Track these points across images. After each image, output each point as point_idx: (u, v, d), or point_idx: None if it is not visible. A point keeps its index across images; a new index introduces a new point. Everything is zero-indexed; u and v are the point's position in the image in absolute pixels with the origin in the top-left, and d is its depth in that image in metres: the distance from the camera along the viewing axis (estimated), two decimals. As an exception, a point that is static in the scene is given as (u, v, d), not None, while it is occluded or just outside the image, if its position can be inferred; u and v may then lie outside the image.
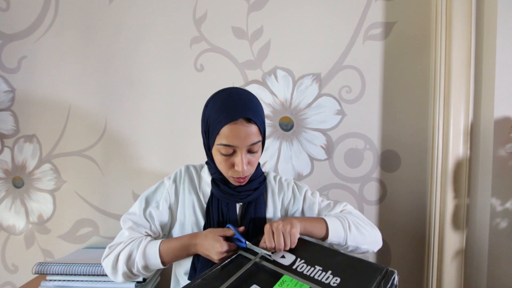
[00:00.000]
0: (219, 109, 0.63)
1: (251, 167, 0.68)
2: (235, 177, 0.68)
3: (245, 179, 0.69)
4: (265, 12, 1.15)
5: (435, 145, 1.05)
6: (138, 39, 1.20)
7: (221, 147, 0.64)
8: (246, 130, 0.62)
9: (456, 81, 0.99)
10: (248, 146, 0.64)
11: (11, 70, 1.25)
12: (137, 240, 0.69)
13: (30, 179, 1.27)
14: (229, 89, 0.68)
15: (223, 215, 0.71)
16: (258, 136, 0.65)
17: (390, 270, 0.53)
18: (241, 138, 0.62)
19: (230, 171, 0.67)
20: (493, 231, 0.93)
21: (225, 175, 0.69)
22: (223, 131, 0.62)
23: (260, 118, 0.66)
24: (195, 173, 0.78)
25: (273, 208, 0.76)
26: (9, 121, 1.26)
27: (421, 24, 1.11)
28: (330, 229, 0.67)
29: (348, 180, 1.16)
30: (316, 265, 0.56)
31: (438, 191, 1.04)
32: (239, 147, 0.64)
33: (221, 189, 0.72)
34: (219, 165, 0.68)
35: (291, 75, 1.16)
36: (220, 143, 0.63)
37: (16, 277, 1.30)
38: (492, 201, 0.93)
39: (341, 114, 1.15)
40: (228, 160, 0.66)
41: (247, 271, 0.56)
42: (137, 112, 1.22)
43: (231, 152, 0.65)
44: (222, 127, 0.62)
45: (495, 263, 0.94)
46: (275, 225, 0.62)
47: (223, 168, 0.67)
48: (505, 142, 0.91)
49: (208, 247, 0.63)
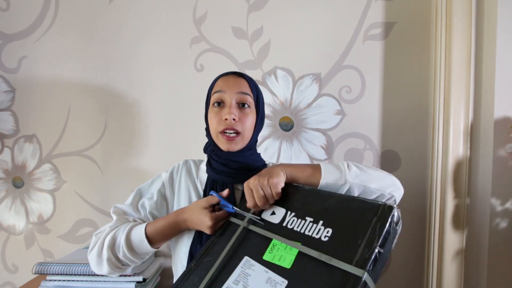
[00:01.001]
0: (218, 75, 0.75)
1: (241, 124, 0.69)
2: (223, 130, 0.68)
3: (234, 138, 0.69)
4: (265, 12, 1.15)
5: (435, 145, 1.05)
6: (138, 39, 1.20)
7: (214, 97, 0.70)
8: (235, 79, 0.71)
9: (456, 81, 0.99)
10: (236, 92, 0.69)
11: (11, 70, 1.25)
12: (123, 225, 0.68)
13: (30, 179, 1.27)
14: None
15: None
16: (248, 90, 0.71)
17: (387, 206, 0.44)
18: (230, 84, 0.70)
19: (219, 124, 0.69)
20: (493, 231, 0.93)
21: (215, 134, 0.70)
22: (216, 83, 0.72)
23: (252, 82, 0.73)
24: (193, 165, 0.79)
25: None
26: (9, 121, 1.26)
27: (421, 24, 1.11)
28: (323, 168, 0.60)
29: (348, 180, 1.16)
30: (306, 217, 0.51)
31: (438, 191, 1.04)
32: (228, 94, 0.69)
33: (213, 167, 0.71)
34: (211, 123, 0.71)
35: (291, 75, 1.16)
36: (213, 93, 0.71)
37: (16, 277, 1.30)
38: (492, 201, 0.93)
39: (341, 114, 1.15)
40: (219, 113, 0.69)
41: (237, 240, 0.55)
42: (137, 112, 1.22)
43: (221, 100, 0.70)
44: (216, 80, 0.73)
45: (495, 263, 0.94)
46: (251, 181, 0.58)
47: (215, 123, 0.70)
48: (505, 142, 0.91)
49: (198, 222, 0.63)
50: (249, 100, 0.71)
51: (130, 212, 0.72)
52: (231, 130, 0.68)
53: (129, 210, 0.72)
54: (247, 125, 0.70)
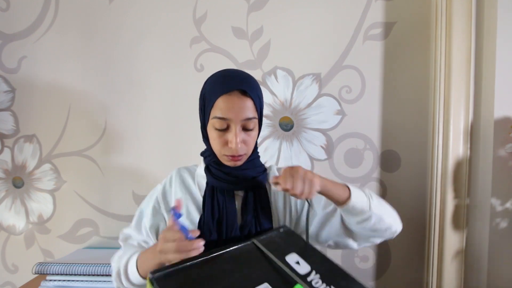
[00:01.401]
0: (214, 83, 0.63)
1: (246, 146, 0.64)
2: (228, 155, 0.64)
3: (239, 159, 0.65)
4: (265, 12, 1.15)
5: (435, 145, 1.05)
6: (138, 39, 1.20)
7: (215, 121, 0.62)
8: (241, 103, 0.61)
9: (456, 81, 0.99)
10: (242, 120, 0.61)
11: (11, 70, 1.25)
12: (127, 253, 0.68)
13: (30, 179, 1.27)
14: (227, 68, 0.68)
15: (219, 206, 0.66)
16: (253, 112, 0.63)
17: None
18: (235, 111, 0.60)
19: (224, 149, 0.63)
20: (493, 231, 0.93)
21: (219, 154, 0.65)
22: (217, 103, 0.61)
23: (256, 93, 0.64)
24: (187, 172, 0.74)
25: (277, 200, 0.72)
26: (9, 121, 1.26)
27: (421, 24, 1.11)
28: (353, 191, 0.61)
29: (348, 180, 1.16)
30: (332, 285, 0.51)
31: (438, 191, 1.04)
32: (233, 121, 0.61)
33: (214, 175, 0.67)
34: (213, 143, 0.65)
35: (291, 75, 1.16)
36: (214, 116, 0.61)
37: (16, 277, 1.30)
38: (492, 201, 0.93)
39: (341, 114, 1.15)
40: (222, 136, 0.63)
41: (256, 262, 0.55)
42: (137, 112, 1.22)
43: (225, 126, 0.62)
44: (216, 98, 0.61)
45: (495, 263, 0.94)
46: (296, 168, 0.57)
47: (217, 145, 0.64)
48: (505, 142, 0.91)
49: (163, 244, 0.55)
50: (255, 121, 0.64)
51: (133, 235, 0.72)
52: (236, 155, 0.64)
53: (133, 233, 0.72)
54: (251, 145, 0.66)
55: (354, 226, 0.64)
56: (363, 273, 1.17)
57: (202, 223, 0.65)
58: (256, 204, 0.67)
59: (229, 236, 0.64)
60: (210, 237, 0.63)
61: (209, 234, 0.63)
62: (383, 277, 1.16)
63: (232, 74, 0.64)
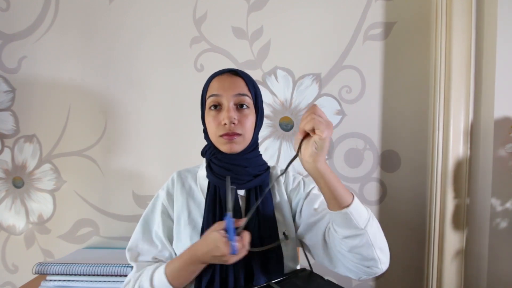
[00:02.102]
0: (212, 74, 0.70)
1: (241, 126, 0.65)
2: (223, 134, 0.64)
3: (233, 138, 0.64)
4: (265, 12, 1.15)
5: (435, 145, 1.05)
6: (138, 39, 1.20)
7: (209, 100, 0.66)
8: (231, 80, 0.67)
9: (456, 81, 0.99)
10: (233, 95, 0.65)
11: (11, 70, 1.25)
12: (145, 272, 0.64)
13: (30, 179, 1.27)
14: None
15: (220, 206, 0.65)
16: (245, 90, 0.67)
17: None
18: (226, 87, 0.66)
19: (218, 128, 0.65)
20: (493, 231, 0.93)
21: (215, 138, 0.67)
22: (211, 84, 0.68)
23: (249, 78, 0.69)
24: (188, 175, 0.74)
25: (280, 199, 0.71)
26: (9, 121, 1.26)
27: (421, 24, 1.11)
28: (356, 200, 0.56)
29: (348, 180, 1.16)
30: None
31: (438, 191, 1.04)
32: (224, 97, 0.65)
33: (214, 171, 0.67)
34: (209, 128, 0.67)
35: (291, 75, 1.16)
36: (208, 96, 0.67)
37: (16, 277, 1.30)
38: (492, 201, 0.93)
39: (341, 114, 1.15)
40: (217, 117, 0.66)
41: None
42: (137, 112, 1.22)
43: (218, 103, 0.66)
44: (210, 81, 0.68)
45: (495, 263, 0.94)
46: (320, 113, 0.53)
47: (212, 128, 0.66)
48: (505, 142, 0.91)
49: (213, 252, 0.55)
50: (248, 100, 0.67)
51: (145, 249, 0.68)
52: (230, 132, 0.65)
53: (143, 247, 0.68)
54: (247, 126, 0.66)
55: (338, 242, 0.58)
56: (363, 273, 1.17)
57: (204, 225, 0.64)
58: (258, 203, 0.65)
59: None
60: None
61: None
62: (383, 277, 1.16)
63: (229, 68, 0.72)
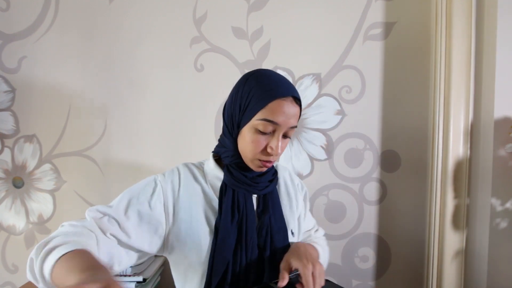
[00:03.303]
0: (267, 84, 0.60)
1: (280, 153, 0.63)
2: (263, 160, 0.61)
3: (270, 165, 0.64)
4: (265, 12, 1.15)
5: (435, 145, 1.05)
6: (138, 39, 1.20)
7: (261, 123, 0.59)
8: (293, 110, 0.60)
9: (456, 81, 0.99)
10: (289, 127, 0.61)
11: (11, 70, 1.25)
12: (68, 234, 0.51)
13: (30, 179, 1.27)
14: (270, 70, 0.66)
15: (239, 209, 0.63)
16: (297, 120, 0.63)
17: None
18: (287, 117, 0.59)
19: (260, 153, 0.61)
20: (493, 231, 0.93)
21: (251, 157, 0.62)
22: (270, 105, 0.58)
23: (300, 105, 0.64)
24: (196, 169, 0.69)
25: (288, 202, 0.73)
26: (9, 121, 1.26)
27: (421, 24, 1.11)
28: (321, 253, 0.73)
29: (348, 180, 1.16)
30: None
31: (438, 191, 1.04)
32: (280, 126, 0.59)
33: (235, 177, 0.64)
34: (247, 145, 0.61)
35: (291, 75, 1.16)
36: (263, 118, 0.58)
37: (16, 277, 1.30)
38: (492, 201, 0.93)
39: (341, 114, 1.15)
40: (260, 140, 0.60)
41: None
42: (137, 112, 1.22)
43: (270, 131, 0.60)
44: (271, 100, 0.58)
45: (495, 263, 0.94)
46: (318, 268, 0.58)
47: (252, 148, 0.61)
48: (505, 142, 0.91)
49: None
50: (294, 130, 0.64)
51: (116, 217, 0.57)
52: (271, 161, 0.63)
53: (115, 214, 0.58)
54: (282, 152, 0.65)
55: None
56: (363, 273, 1.17)
57: (219, 225, 0.62)
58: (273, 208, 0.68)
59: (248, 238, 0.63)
60: (229, 239, 0.61)
61: (228, 236, 0.61)
62: (383, 277, 1.16)
63: (284, 78, 0.63)
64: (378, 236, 1.16)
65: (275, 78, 0.62)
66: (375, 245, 1.16)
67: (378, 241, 1.16)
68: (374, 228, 1.16)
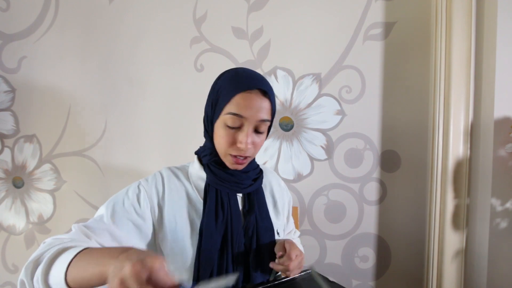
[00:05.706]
0: (233, 78, 0.60)
1: (254, 149, 0.62)
2: (234, 155, 0.61)
3: (244, 162, 0.62)
4: (265, 12, 1.15)
5: (435, 145, 1.05)
6: (138, 39, 1.20)
7: (229, 117, 0.58)
8: (260, 103, 0.59)
9: (456, 81, 0.99)
10: (257, 121, 0.59)
11: (11, 70, 1.25)
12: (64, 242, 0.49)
13: (30, 179, 1.27)
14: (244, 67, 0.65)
15: (223, 208, 0.62)
16: (268, 114, 0.61)
17: None
18: (253, 110, 0.58)
19: (231, 148, 0.60)
20: (493, 231, 0.93)
21: (223, 153, 0.62)
22: (235, 99, 0.58)
23: (273, 97, 0.62)
24: (180, 171, 0.68)
25: (273, 202, 0.73)
26: (9, 121, 1.26)
27: (421, 24, 1.11)
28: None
29: (348, 180, 1.16)
30: None
31: (438, 191, 1.04)
32: (248, 120, 0.58)
33: (216, 175, 0.63)
34: (219, 140, 0.61)
35: (291, 75, 1.16)
36: (229, 112, 0.58)
37: (16, 277, 1.30)
38: (492, 201, 0.93)
39: (341, 114, 1.15)
40: (232, 135, 0.60)
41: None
42: (137, 112, 1.22)
43: (238, 125, 0.59)
44: (236, 94, 0.58)
45: (495, 263, 0.94)
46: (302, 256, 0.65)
47: (224, 143, 0.60)
48: (505, 142, 0.91)
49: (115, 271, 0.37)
50: (267, 125, 0.62)
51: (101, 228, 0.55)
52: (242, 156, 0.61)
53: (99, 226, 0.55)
54: (258, 149, 0.64)
55: None
56: (363, 273, 1.17)
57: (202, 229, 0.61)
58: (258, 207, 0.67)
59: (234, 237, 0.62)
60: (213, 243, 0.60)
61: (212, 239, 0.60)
62: (383, 277, 1.16)
63: (253, 72, 0.62)
64: (378, 236, 1.16)
65: (244, 73, 0.61)
66: (375, 245, 1.16)
67: (378, 241, 1.16)
68: (374, 228, 1.16)
